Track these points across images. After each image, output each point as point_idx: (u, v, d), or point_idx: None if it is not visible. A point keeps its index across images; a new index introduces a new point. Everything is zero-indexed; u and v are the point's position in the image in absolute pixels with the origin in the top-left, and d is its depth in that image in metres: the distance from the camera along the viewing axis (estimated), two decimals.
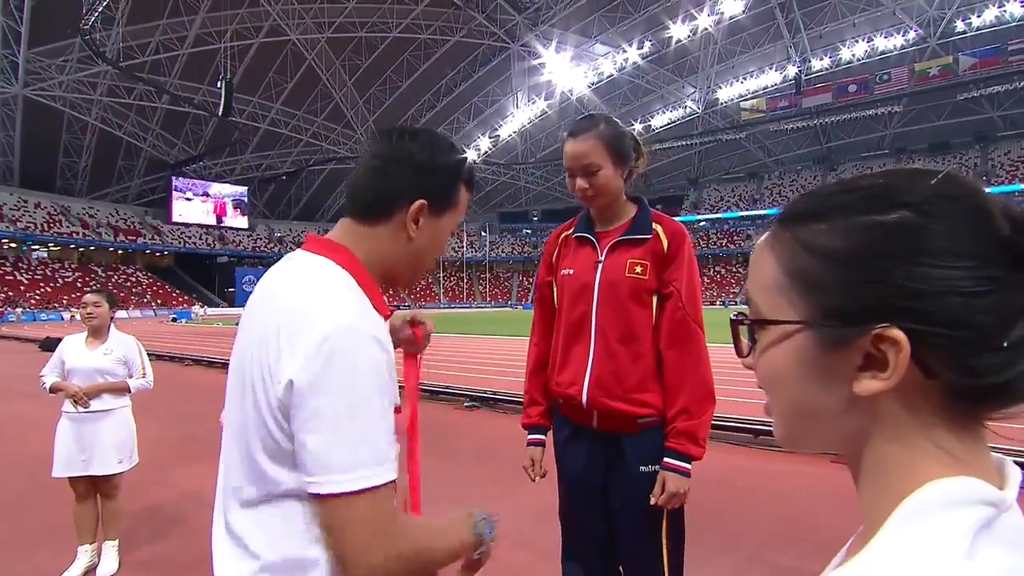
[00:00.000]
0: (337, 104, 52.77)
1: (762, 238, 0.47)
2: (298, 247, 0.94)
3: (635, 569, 1.63)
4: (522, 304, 59.18)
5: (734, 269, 62.20)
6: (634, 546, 1.62)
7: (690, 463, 1.54)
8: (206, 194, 57.42)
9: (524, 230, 73.10)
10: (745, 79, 52.99)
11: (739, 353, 0.48)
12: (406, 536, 0.77)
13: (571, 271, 1.68)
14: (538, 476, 1.76)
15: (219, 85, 32.40)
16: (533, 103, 56.76)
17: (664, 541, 1.59)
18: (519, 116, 57.85)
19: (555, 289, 1.76)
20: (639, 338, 1.58)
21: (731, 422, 5.51)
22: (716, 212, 64.75)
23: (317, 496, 0.73)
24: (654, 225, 1.62)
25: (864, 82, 47.95)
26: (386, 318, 0.86)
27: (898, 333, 0.38)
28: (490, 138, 60.67)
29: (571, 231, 1.76)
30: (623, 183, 1.62)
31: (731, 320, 0.48)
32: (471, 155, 60.17)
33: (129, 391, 3.22)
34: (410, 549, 0.77)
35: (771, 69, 51.45)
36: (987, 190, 0.40)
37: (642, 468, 1.58)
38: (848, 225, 0.41)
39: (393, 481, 0.75)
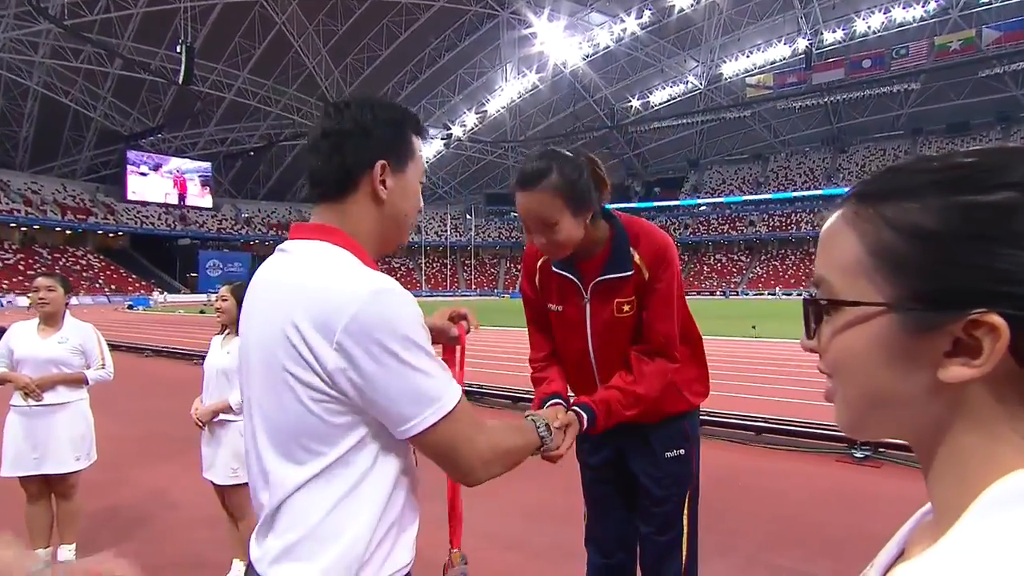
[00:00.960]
0: (310, 74, 52.10)
1: (836, 214, 0.47)
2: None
3: (653, 541, 1.80)
4: (509, 292, 59.27)
5: (736, 257, 62.74)
6: (656, 513, 1.79)
7: (588, 427, 1.55)
8: (165, 169, 56.60)
9: (512, 213, 72.94)
10: (751, 53, 53.11)
11: (808, 335, 0.49)
12: (492, 433, 1.01)
13: (559, 308, 1.74)
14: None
15: (179, 50, 31.80)
16: (523, 76, 56.50)
17: (684, 518, 1.79)
18: (508, 90, 57.58)
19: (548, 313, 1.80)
20: None
21: (733, 419, 5.62)
22: (718, 196, 65.14)
23: (423, 431, 0.91)
24: (632, 252, 1.63)
25: (880, 57, 48.26)
26: None
27: (997, 319, 0.38)
28: (477, 114, 60.36)
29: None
30: (585, 228, 1.58)
31: (804, 301, 0.49)
32: (456, 131, 60.01)
33: (87, 383, 3.22)
34: (500, 442, 1.02)
35: (779, 42, 51.60)
36: None
37: (667, 454, 1.78)
38: (944, 204, 0.41)
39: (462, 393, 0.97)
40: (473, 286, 67.14)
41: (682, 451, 1.78)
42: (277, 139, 56.53)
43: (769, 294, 50.61)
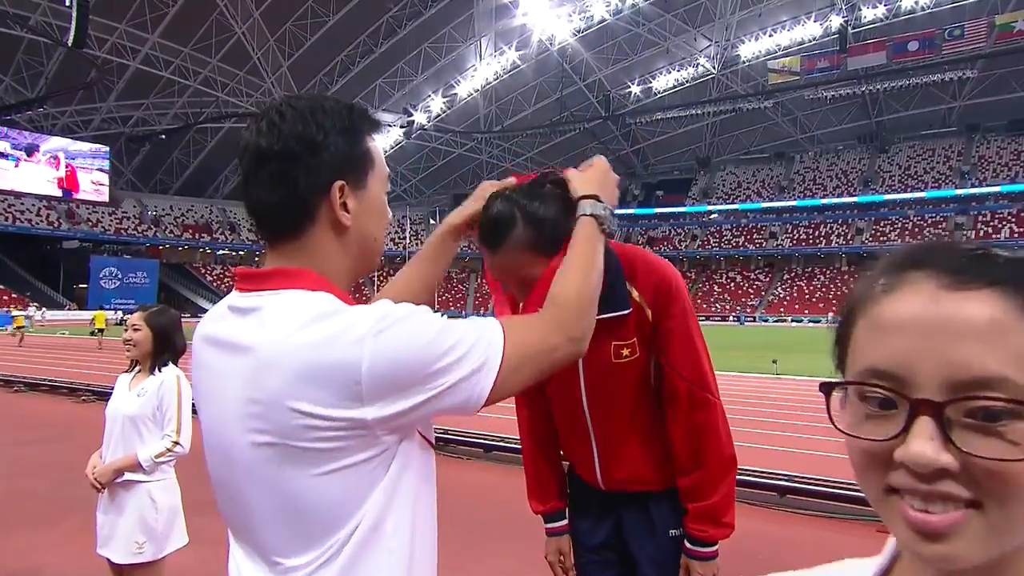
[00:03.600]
0: (240, 41, 51.86)
1: (988, 298, 0.46)
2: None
3: None
4: (479, 313, 59.21)
5: (753, 276, 63.76)
6: None
7: (715, 546, 1.74)
8: (47, 152, 55.47)
9: None
10: (775, 32, 54.49)
11: (946, 448, 0.46)
12: (556, 308, 1.11)
13: None
14: (570, 573, 1.90)
15: (68, 3, 31.37)
16: (501, 54, 57.09)
17: None
18: (483, 70, 58.07)
19: None
20: (645, 416, 1.79)
21: (752, 476, 5.65)
22: (732, 202, 66.42)
23: (494, 384, 1.00)
24: (629, 288, 1.71)
25: (929, 38, 49.47)
26: None
27: None
28: (444, 97, 60.72)
29: None
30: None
31: (989, 409, 0.46)
32: (419, 118, 59.83)
33: None
34: (564, 305, 1.12)
35: (809, 19, 53.02)
36: None
37: (672, 532, 1.80)
38: None
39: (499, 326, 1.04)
40: (436, 305, 66.76)
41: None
42: (196, 121, 56.01)
43: (793, 320, 51.42)
